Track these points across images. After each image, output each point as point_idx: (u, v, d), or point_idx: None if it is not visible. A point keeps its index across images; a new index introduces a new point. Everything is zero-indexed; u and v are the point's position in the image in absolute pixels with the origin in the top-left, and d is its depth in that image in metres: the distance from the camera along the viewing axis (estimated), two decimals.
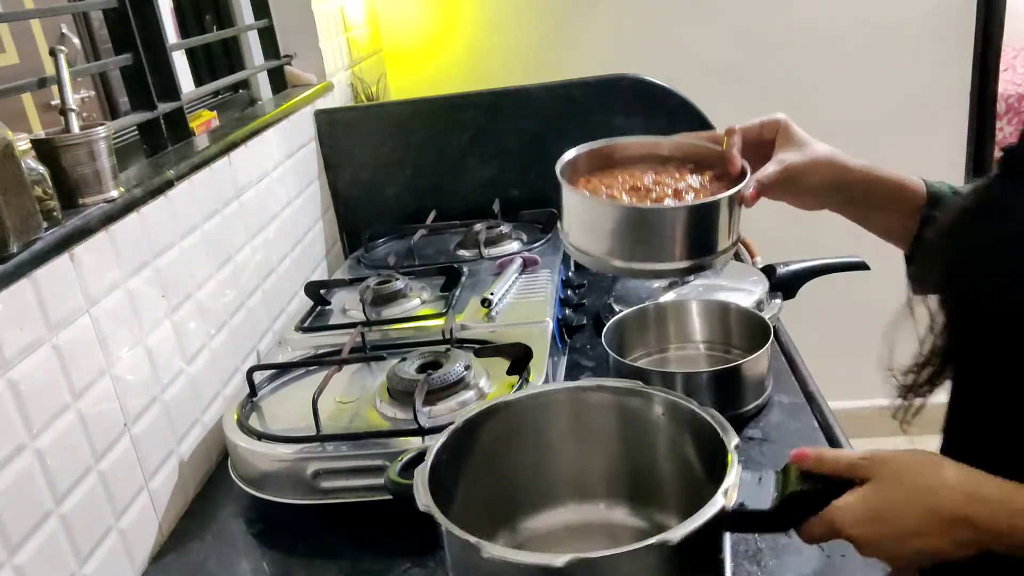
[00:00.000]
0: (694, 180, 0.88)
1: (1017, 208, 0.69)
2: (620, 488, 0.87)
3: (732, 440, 0.72)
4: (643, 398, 0.83)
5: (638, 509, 0.86)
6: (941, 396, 0.77)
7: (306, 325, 1.29)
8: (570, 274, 1.50)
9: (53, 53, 0.96)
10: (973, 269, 0.72)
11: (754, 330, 1.13)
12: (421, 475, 0.72)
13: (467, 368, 1.03)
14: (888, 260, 0.97)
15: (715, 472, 0.71)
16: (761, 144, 0.90)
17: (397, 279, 1.33)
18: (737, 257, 1.55)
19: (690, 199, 0.85)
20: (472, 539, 0.64)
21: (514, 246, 1.52)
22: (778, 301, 1.29)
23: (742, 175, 0.85)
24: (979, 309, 0.71)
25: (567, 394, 0.86)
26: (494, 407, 0.83)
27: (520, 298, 1.30)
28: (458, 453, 0.79)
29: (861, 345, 0.73)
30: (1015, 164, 0.71)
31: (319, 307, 1.36)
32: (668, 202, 0.85)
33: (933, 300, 0.75)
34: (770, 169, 0.86)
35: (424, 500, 0.69)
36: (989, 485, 0.62)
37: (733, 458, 0.70)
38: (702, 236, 0.84)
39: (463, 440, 0.80)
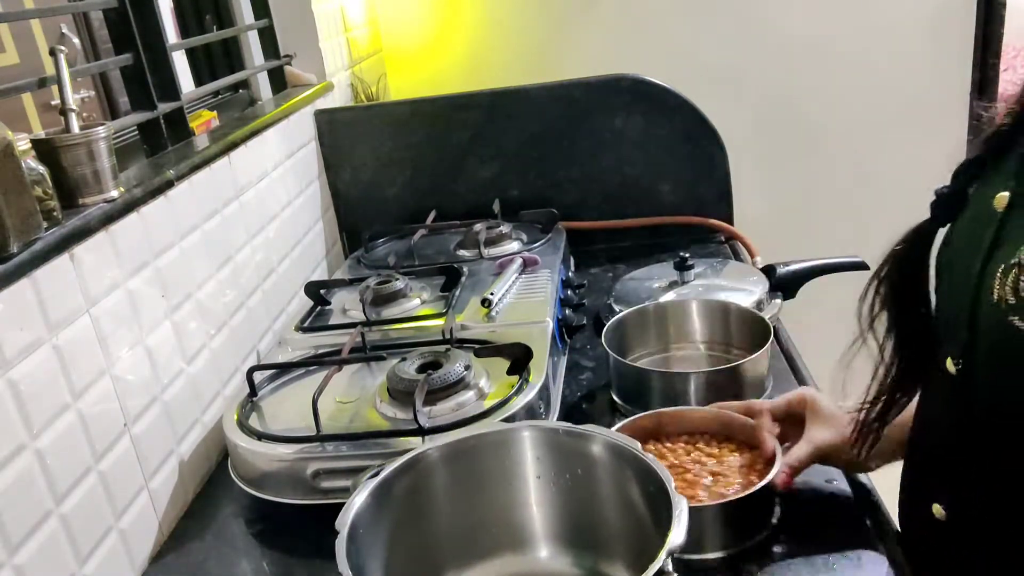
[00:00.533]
0: (733, 460, 0.91)
1: (946, 248, 0.75)
2: (561, 536, 0.83)
3: (672, 487, 0.69)
4: (581, 439, 0.79)
5: (581, 558, 0.82)
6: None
7: (306, 325, 1.29)
8: (570, 274, 1.51)
9: (53, 53, 0.96)
10: (906, 307, 0.78)
11: (754, 330, 1.13)
12: (339, 545, 0.68)
13: (467, 368, 1.03)
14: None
15: (661, 515, 0.68)
16: (791, 415, 0.93)
17: (397, 279, 1.33)
18: (737, 257, 1.55)
19: (730, 492, 0.85)
20: None
21: (514, 246, 1.52)
22: (778, 301, 1.29)
23: (773, 457, 0.87)
24: (916, 346, 0.77)
25: (496, 437, 0.82)
26: (413, 461, 0.80)
27: (520, 298, 1.30)
28: (379, 514, 0.75)
29: (861, 344, 0.74)
30: (943, 209, 0.75)
31: (319, 307, 1.36)
32: (701, 493, 0.86)
33: (881, 335, 0.80)
34: (802, 452, 0.88)
35: (343, 570, 0.65)
36: None
37: (677, 512, 0.66)
38: (736, 523, 0.84)
39: (382, 500, 0.76)
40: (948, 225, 0.75)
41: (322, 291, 1.38)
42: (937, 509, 0.74)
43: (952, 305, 0.72)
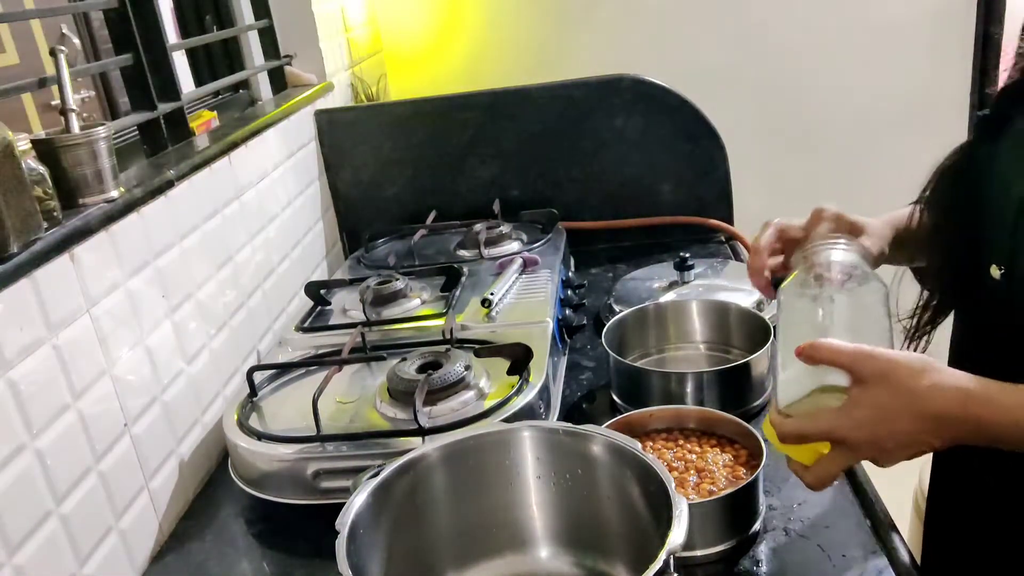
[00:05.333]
0: (716, 457, 0.91)
1: (989, 164, 0.78)
2: (561, 536, 0.83)
3: (672, 487, 0.69)
4: (581, 439, 0.79)
5: (582, 557, 0.82)
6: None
7: (306, 325, 1.29)
8: (570, 274, 1.51)
9: (53, 53, 0.96)
10: (953, 218, 0.81)
11: (754, 330, 1.13)
12: (339, 545, 0.68)
13: (467, 368, 1.03)
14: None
15: (661, 515, 0.68)
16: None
17: (397, 279, 1.33)
18: (737, 257, 1.55)
19: (719, 488, 0.86)
20: None
21: (514, 246, 1.52)
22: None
23: (760, 452, 0.87)
24: (961, 254, 0.80)
25: (496, 437, 0.82)
26: (413, 461, 0.79)
27: (520, 298, 1.30)
28: (379, 514, 0.75)
29: None
30: (987, 128, 0.79)
31: (319, 307, 1.36)
32: (688, 491, 0.87)
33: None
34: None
35: (343, 570, 0.65)
36: (984, 384, 0.66)
37: (677, 512, 0.66)
38: (727, 520, 0.84)
39: (382, 500, 0.76)
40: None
41: (322, 291, 1.38)
42: None
43: (996, 216, 0.76)
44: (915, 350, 0.86)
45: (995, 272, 0.75)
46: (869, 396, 0.67)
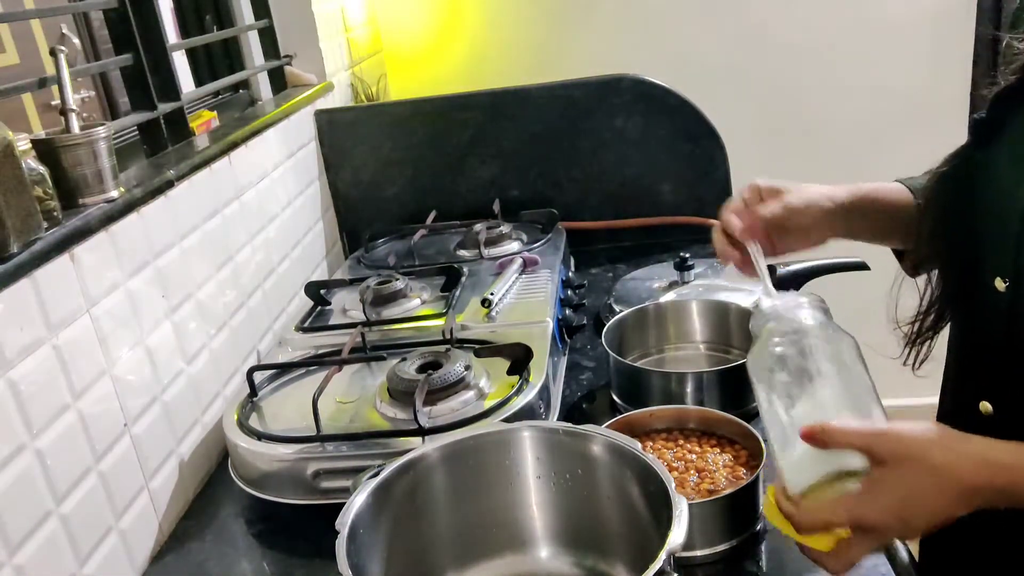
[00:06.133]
0: (716, 457, 0.91)
1: (987, 170, 0.78)
2: (561, 536, 0.83)
3: (672, 487, 0.69)
4: (581, 439, 0.79)
5: (582, 557, 0.82)
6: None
7: (306, 325, 1.29)
8: (570, 274, 1.51)
9: (53, 53, 0.96)
10: (951, 225, 0.81)
11: None
12: (339, 545, 0.68)
13: (467, 368, 1.03)
14: (888, 260, 0.98)
15: (661, 515, 0.68)
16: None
17: (397, 279, 1.33)
18: None
19: (719, 488, 0.85)
20: None
21: (514, 246, 1.52)
22: None
23: (760, 452, 0.87)
24: (962, 263, 0.80)
25: (496, 437, 0.82)
26: (413, 461, 0.79)
27: (520, 298, 1.30)
28: (379, 514, 0.75)
29: (861, 344, 0.74)
30: (982, 133, 0.79)
31: (319, 307, 1.36)
32: (688, 491, 0.87)
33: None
34: (774, 207, 0.87)
35: (343, 570, 0.65)
36: (1002, 450, 0.64)
37: (677, 512, 0.66)
38: (727, 519, 0.85)
39: (382, 500, 0.76)
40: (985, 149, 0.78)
41: (322, 291, 1.38)
42: (984, 406, 0.77)
43: (999, 226, 0.75)
44: (916, 356, 0.86)
45: (1000, 285, 0.74)
46: (892, 478, 0.65)
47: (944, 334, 0.88)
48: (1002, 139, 0.77)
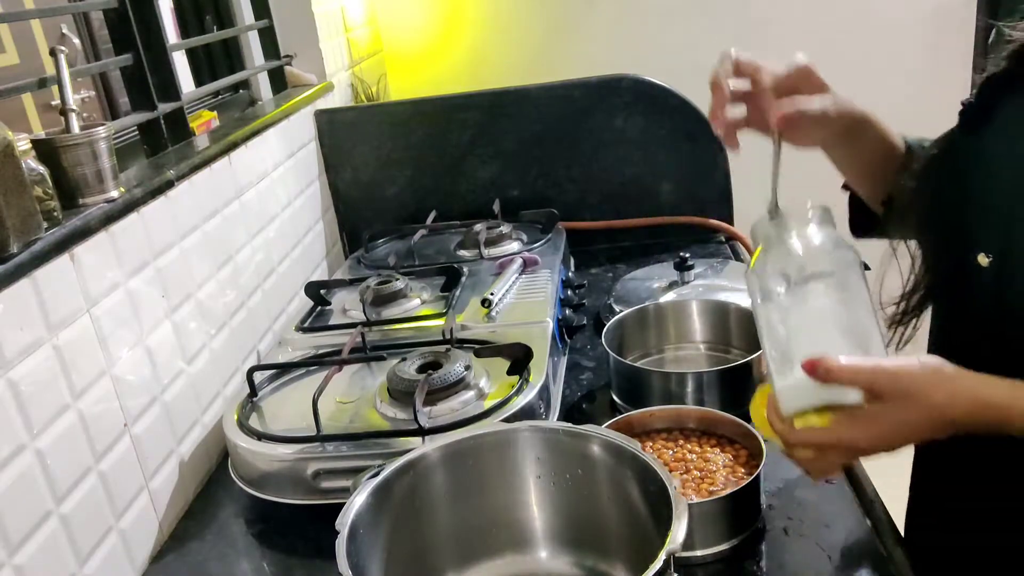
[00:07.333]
0: (716, 457, 0.91)
1: (976, 156, 0.79)
2: (561, 536, 0.83)
3: (672, 487, 0.69)
4: (581, 439, 0.79)
5: (582, 557, 0.82)
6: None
7: (306, 325, 1.29)
8: (570, 274, 1.51)
9: (53, 53, 0.96)
10: (941, 208, 0.82)
11: (754, 330, 1.12)
12: (339, 545, 0.68)
13: (467, 368, 1.03)
14: (888, 260, 0.98)
15: (661, 515, 0.68)
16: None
17: (397, 279, 1.33)
18: (737, 257, 1.55)
19: (718, 488, 0.86)
20: None
21: (514, 246, 1.52)
22: None
23: (760, 452, 0.88)
24: (949, 243, 0.80)
25: (496, 437, 0.82)
26: (413, 461, 0.79)
27: (520, 298, 1.30)
28: (379, 514, 0.75)
29: None
30: (971, 119, 0.80)
31: (319, 307, 1.36)
32: (689, 490, 0.87)
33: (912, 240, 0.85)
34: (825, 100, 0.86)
35: (343, 570, 0.66)
36: (996, 388, 0.67)
37: (678, 512, 0.66)
38: (729, 519, 0.85)
39: (382, 500, 0.76)
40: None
41: (322, 291, 1.38)
42: None
43: (986, 204, 0.77)
44: (900, 337, 0.86)
45: (983, 260, 0.75)
46: (888, 412, 0.68)
47: (927, 318, 0.88)
48: (992, 124, 0.78)
